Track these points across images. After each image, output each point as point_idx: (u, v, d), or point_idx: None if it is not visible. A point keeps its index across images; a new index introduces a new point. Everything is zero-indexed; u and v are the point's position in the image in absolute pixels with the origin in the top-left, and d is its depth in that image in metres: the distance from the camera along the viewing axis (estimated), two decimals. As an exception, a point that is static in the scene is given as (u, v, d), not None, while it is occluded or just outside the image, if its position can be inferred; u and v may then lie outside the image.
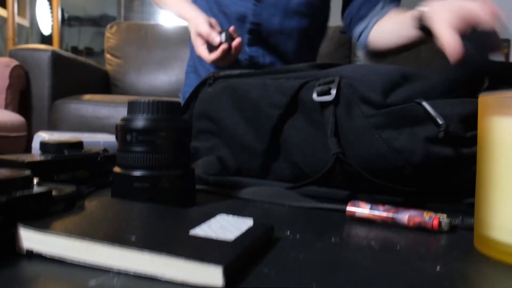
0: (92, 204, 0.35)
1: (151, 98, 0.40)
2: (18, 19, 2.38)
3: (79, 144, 0.54)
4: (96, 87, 1.77)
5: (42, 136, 0.68)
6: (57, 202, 0.32)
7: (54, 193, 0.31)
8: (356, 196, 0.45)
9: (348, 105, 0.44)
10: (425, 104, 0.39)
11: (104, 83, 1.83)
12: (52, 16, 2.45)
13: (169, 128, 0.40)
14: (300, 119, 0.49)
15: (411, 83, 0.45)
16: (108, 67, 1.87)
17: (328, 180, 0.46)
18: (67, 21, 4.66)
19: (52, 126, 1.38)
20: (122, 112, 1.37)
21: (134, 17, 2.90)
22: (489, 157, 0.26)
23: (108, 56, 1.88)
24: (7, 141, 1.09)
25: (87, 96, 1.43)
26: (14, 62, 1.30)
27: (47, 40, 3.73)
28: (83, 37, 5.04)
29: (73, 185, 0.34)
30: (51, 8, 2.47)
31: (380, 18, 0.81)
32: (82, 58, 1.67)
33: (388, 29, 0.78)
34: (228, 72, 0.65)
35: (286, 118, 0.49)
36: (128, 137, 0.39)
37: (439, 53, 0.51)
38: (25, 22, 3.12)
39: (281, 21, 0.84)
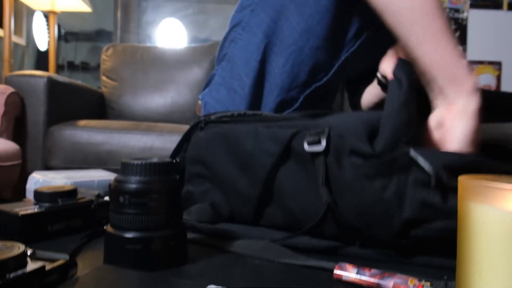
0: (84, 273, 0.35)
1: (143, 161, 0.41)
2: (14, 38, 2.40)
3: (72, 192, 0.55)
4: (92, 110, 1.78)
5: (36, 178, 0.69)
6: (51, 275, 0.32)
7: (47, 266, 0.32)
8: (347, 250, 0.46)
9: (338, 155, 0.45)
10: (412, 154, 0.40)
11: (99, 106, 1.84)
12: (48, 33, 2.46)
13: (161, 189, 0.40)
14: (292, 167, 0.50)
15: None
16: (103, 89, 1.89)
17: (320, 230, 0.47)
18: (64, 37, 4.69)
19: (47, 153, 1.38)
20: (117, 138, 1.38)
21: (131, 38, 2.92)
22: (467, 240, 0.27)
23: (104, 78, 1.90)
24: (2, 171, 1.09)
25: (82, 122, 1.44)
26: (10, 89, 1.31)
27: (43, 55, 3.74)
28: (79, 52, 5.07)
29: (65, 255, 0.35)
30: (47, 24, 2.48)
31: None
32: (77, 82, 1.68)
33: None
34: (220, 114, 0.66)
35: (279, 165, 0.50)
36: (121, 199, 0.40)
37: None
38: (22, 41, 3.14)
39: None
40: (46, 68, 2.46)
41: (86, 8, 2.48)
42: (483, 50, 2.33)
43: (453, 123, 0.48)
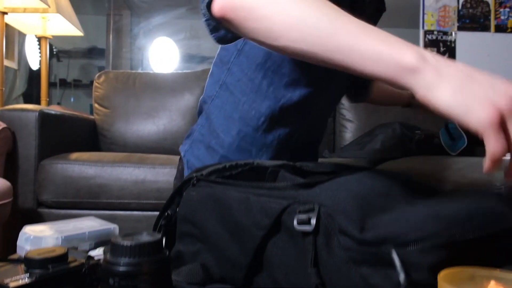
0: None
1: (132, 242, 0.41)
2: (6, 62, 2.39)
3: (63, 256, 0.55)
4: (84, 138, 1.78)
5: (28, 234, 0.68)
6: None
7: None
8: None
9: (328, 236, 0.45)
10: (394, 255, 0.40)
11: (91, 134, 1.84)
12: (40, 55, 2.46)
13: (151, 269, 0.41)
14: (283, 240, 0.50)
15: (391, 210, 0.47)
16: (96, 117, 1.88)
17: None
18: (56, 56, 4.69)
19: (38, 187, 1.37)
20: (109, 171, 1.38)
21: (123, 63, 2.93)
22: None
23: (96, 105, 1.90)
24: (-8, 211, 1.08)
25: (74, 155, 1.43)
26: (1, 125, 1.31)
27: (35, 74, 3.73)
28: (71, 69, 5.07)
29: None
30: (39, 46, 2.48)
31: None
32: (69, 112, 1.67)
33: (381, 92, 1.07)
34: (211, 168, 0.67)
35: (270, 237, 0.51)
36: (111, 281, 0.40)
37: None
38: (13, 65, 3.13)
39: None
40: (38, 87, 2.45)
41: (78, 32, 2.48)
42: (472, 72, 2.36)
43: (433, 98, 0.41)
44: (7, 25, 2.13)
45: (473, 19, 2.36)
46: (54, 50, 4.45)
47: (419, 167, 1.25)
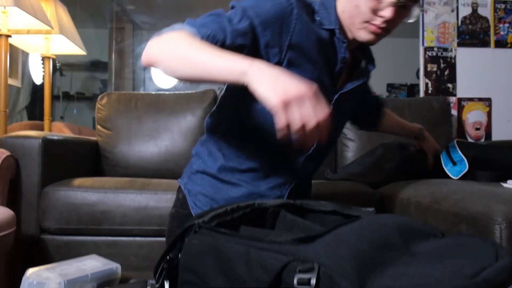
0: None
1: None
2: (9, 81, 2.41)
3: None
4: (87, 161, 1.79)
5: (30, 280, 0.69)
6: None
7: None
8: None
9: (327, 297, 0.46)
10: None
11: (94, 156, 1.85)
12: (44, 70, 2.48)
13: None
14: (283, 296, 0.51)
15: (392, 265, 0.48)
16: (98, 139, 1.90)
17: None
18: (59, 70, 4.73)
19: (41, 214, 1.38)
20: (111, 198, 1.38)
21: (125, 83, 2.95)
22: None
23: (98, 127, 1.91)
24: (-4, 243, 1.09)
25: (76, 181, 1.44)
26: (5, 153, 1.32)
27: (38, 87, 3.75)
28: (74, 82, 5.10)
29: None
30: (43, 62, 2.50)
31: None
32: (72, 136, 1.68)
33: (390, 125, 1.35)
34: (212, 213, 0.67)
35: (270, 292, 0.51)
36: None
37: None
38: (17, 83, 3.16)
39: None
40: (41, 100, 2.45)
41: (81, 51, 2.51)
42: (473, 87, 2.37)
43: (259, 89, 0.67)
44: (10, 44, 2.15)
45: (472, 35, 2.37)
46: (57, 64, 4.49)
47: (420, 194, 1.25)
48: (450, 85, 2.35)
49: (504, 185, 1.14)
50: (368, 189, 1.55)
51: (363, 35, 0.85)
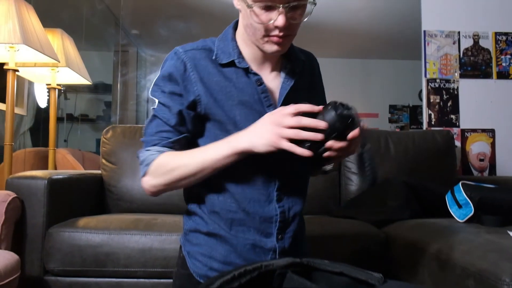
0: None
1: None
2: (15, 110, 2.43)
3: None
4: (91, 196, 1.79)
5: None
6: None
7: None
8: None
9: None
10: None
11: (99, 190, 1.85)
12: (49, 98, 2.50)
13: None
14: None
15: None
16: (103, 173, 1.90)
17: None
18: (63, 93, 4.77)
19: (45, 255, 1.38)
20: (116, 239, 1.38)
21: (129, 115, 2.98)
22: None
23: (103, 161, 1.92)
24: (0, 291, 1.08)
25: (81, 222, 1.44)
26: (11, 195, 1.32)
27: (42, 110, 3.78)
28: (78, 104, 5.14)
29: None
30: (48, 92, 2.52)
31: None
32: (77, 172, 1.69)
33: None
34: (220, 280, 0.67)
35: None
36: None
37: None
38: (22, 111, 3.19)
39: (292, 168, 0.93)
40: (45, 123, 2.45)
41: (86, 82, 2.54)
42: (476, 118, 2.38)
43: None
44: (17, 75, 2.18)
45: (474, 67, 2.38)
46: (62, 89, 4.52)
47: (426, 240, 1.24)
48: (453, 116, 2.37)
49: (511, 233, 1.14)
50: (373, 230, 1.54)
51: (269, 48, 0.85)
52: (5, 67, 1.96)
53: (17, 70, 2.00)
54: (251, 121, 0.86)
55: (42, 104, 3.84)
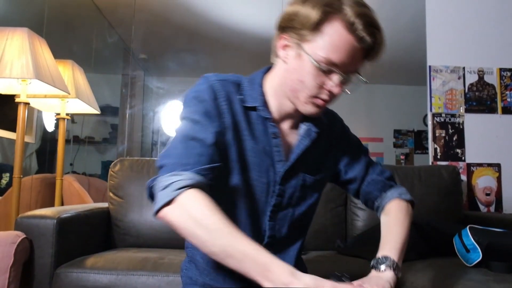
0: None
1: None
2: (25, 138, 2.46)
3: None
4: (98, 231, 1.80)
5: None
6: None
7: None
8: None
9: None
10: None
11: (106, 225, 1.86)
12: (58, 130, 2.53)
13: None
14: None
15: None
16: (110, 206, 1.91)
17: None
18: (71, 118, 4.82)
19: (52, 296, 1.38)
20: (123, 280, 1.38)
21: (135, 147, 3.00)
22: None
23: (110, 194, 1.93)
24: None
25: (89, 262, 1.45)
26: (21, 236, 1.33)
27: (49, 133, 3.82)
28: (85, 126, 5.19)
29: None
30: (57, 126, 2.56)
31: (385, 205, 1.03)
32: (85, 209, 1.70)
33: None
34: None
35: None
36: None
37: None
38: (31, 139, 3.22)
39: (288, 229, 0.94)
40: (52, 145, 2.46)
41: (95, 111, 2.57)
42: (481, 153, 2.38)
43: None
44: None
45: (479, 102, 2.40)
46: (69, 114, 4.58)
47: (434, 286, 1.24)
48: (458, 151, 2.37)
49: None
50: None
51: (309, 109, 0.84)
52: (16, 99, 1.99)
53: (28, 103, 2.03)
54: (258, 171, 0.87)
55: (50, 128, 3.88)
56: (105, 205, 1.95)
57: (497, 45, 2.44)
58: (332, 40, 0.75)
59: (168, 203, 0.73)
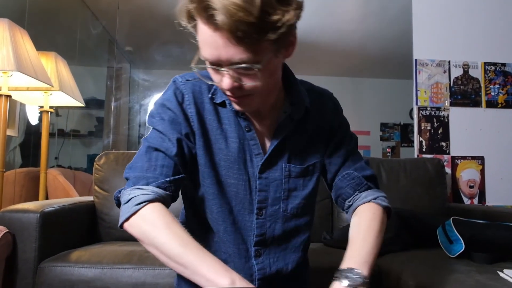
0: None
1: None
2: (7, 132, 2.41)
3: None
4: (83, 224, 1.78)
5: None
6: None
7: None
8: None
9: None
10: None
11: (91, 218, 1.84)
12: (41, 123, 2.49)
13: None
14: None
15: None
16: (95, 200, 1.89)
17: None
18: (55, 111, 4.74)
19: (36, 291, 1.36)
20: (108, 274, 1.37)
21: (122, 140, 2.97)
22: None
23: (96, 188, 1.91)
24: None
25: (73, 256, 1.43)
26: (3, 230, 1.31)
27: (33, 126, 3.75)
28: (70, 120, 5.11)
29: None
30: (40, 114, 2.52)
31: (357, 206, 0.91)
32: (69, 202, 1.67)
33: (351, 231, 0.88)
34: None
35: None
36: None
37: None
38: (13, 132, 3.16)
39: (282, 225, 0.90)
40: (35, 138, 2.42)
41: (79, 104, 2.53)
42: (466, 146, 2.42)
43: None
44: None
45: (464, 95, 2.43)
46: (54, 107, 4.50)
47: (419, 274, 1.25)
48: (443, 144, 2.40)
49: (501, 274, 1.15)
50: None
51: (235, 106, 0.81)
52: (-2, 92, 1.95)
53: (10, 96, 1.99)
54: (235, 169, 0.85)
55: (33, 121, 3.82)
56: (90, 198, 1.93)
57: (482, 39, 2.46)
58: (199, 39, 0.72)
59: (129, 217, 0.76)
